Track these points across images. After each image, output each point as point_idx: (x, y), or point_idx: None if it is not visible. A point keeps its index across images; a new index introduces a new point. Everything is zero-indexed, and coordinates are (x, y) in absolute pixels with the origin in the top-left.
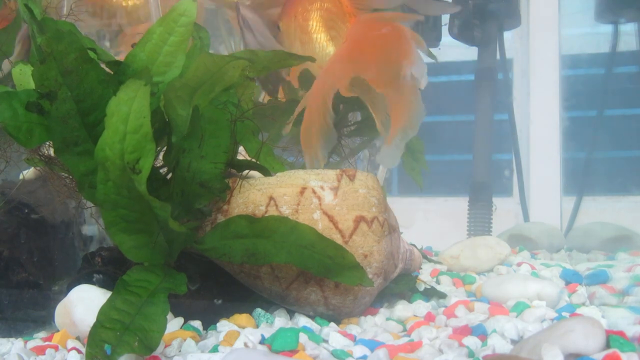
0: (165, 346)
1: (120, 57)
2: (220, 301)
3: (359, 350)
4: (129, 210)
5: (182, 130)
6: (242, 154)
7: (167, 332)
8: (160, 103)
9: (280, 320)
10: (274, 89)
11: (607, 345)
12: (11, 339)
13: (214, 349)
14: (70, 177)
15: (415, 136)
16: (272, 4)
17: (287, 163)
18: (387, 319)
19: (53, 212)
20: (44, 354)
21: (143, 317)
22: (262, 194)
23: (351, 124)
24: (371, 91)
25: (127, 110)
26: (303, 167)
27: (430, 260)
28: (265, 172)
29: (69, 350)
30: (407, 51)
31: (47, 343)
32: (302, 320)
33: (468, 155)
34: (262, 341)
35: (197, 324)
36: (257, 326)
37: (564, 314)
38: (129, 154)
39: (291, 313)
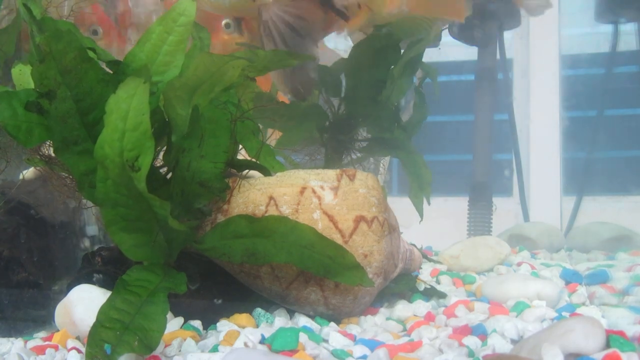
0: (165, 346)
1: None
2: (220, 301)
3: (359, 350)
4: (129, 208)
5: (181, 130)
6: (242, 154)
7: (167, 331)
8: (159, 103)
9: (280, 320)
10: (304, 92)
11: (607, 345)
12: (11, 339)
13: (214, 349)
14: (70, 176)
15: (425, 167)
16: None
17: (294, 163)
18: (387, 318)
19: (53, 212)
20: (44, 354)
21: (143, 316)
22: (262, 193)
23: (362, 140)
24: None
25: (126, 108)
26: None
27: (430, 260)
28: (265, 172)
29: (69, 350)
30: None
31: (47, 343)
32: (302, 320)
33: (468, 155)
34: (262, 341)
35: (197, 323)
36: (257, 326)
37: (564, 313)
38: (128, 151)
39: (291, 313)
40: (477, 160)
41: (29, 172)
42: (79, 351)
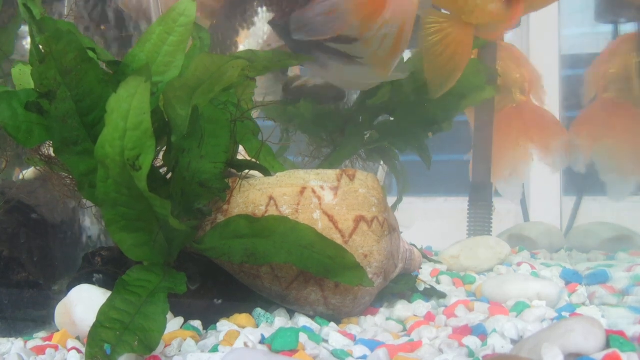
0: (165, 346)
1: None
2: (220, 301)
3: (359, 350)
4: (129, 208)
5: (181, 130)
6: (242, 154)
7: (167, 331)
8: (159, 103)
9: (280, 320)
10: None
11: (607, 345)
12: (11, 339)
13: (214, 349)
14: (70, 176)
15: (407, 178)
16: None
17: (290, 163)
18: (387, 318)
19: (53, 212)
20: (44, 354)
21: (143, 316)
22: (262, 193)
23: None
24: None
25: (127, 107)
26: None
27: (430, 260)
28: (265, 172)
29: (69, 350)
30: None
31: (47, 343)
32: (302, 320)
33: (468, 155)
34: (262, 341)
35: (197, 323)
36: (257, 326)
37: (564, 313)
38: (129, 150)
39: (291, 313)
40: (477, 160)
41: (29, 172)
42: (79, 351)
